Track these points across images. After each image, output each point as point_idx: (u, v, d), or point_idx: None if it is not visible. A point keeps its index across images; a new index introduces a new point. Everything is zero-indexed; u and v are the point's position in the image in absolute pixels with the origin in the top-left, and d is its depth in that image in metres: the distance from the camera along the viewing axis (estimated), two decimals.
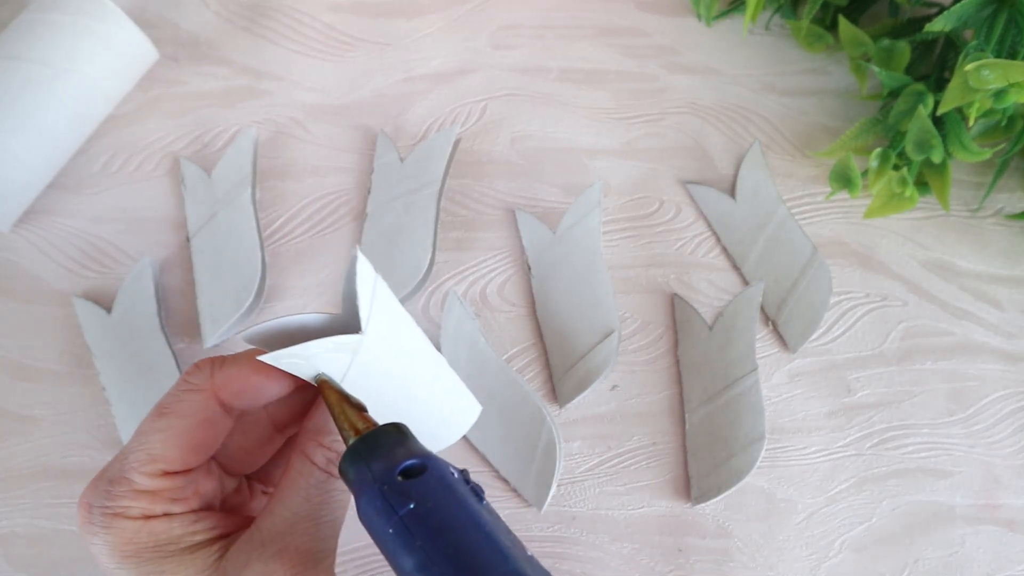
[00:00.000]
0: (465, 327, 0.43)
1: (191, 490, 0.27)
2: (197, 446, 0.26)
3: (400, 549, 0.22)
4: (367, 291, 0.25)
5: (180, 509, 0.26)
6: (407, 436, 0.25)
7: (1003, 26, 0.41)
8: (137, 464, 0.25)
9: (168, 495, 0.26)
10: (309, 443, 0.26)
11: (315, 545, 0.25)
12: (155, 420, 0.26)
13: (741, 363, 0.43)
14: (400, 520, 0.22)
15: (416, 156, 0.46)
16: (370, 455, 0.24)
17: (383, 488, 0.23)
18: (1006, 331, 0.44)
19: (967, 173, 0.48)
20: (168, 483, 0.26)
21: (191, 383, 0.26)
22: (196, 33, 0.51)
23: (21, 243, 0.46)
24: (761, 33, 0.51)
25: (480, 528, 0.23)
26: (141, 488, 0.25)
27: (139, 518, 0.25)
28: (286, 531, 0.25)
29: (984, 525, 0.41)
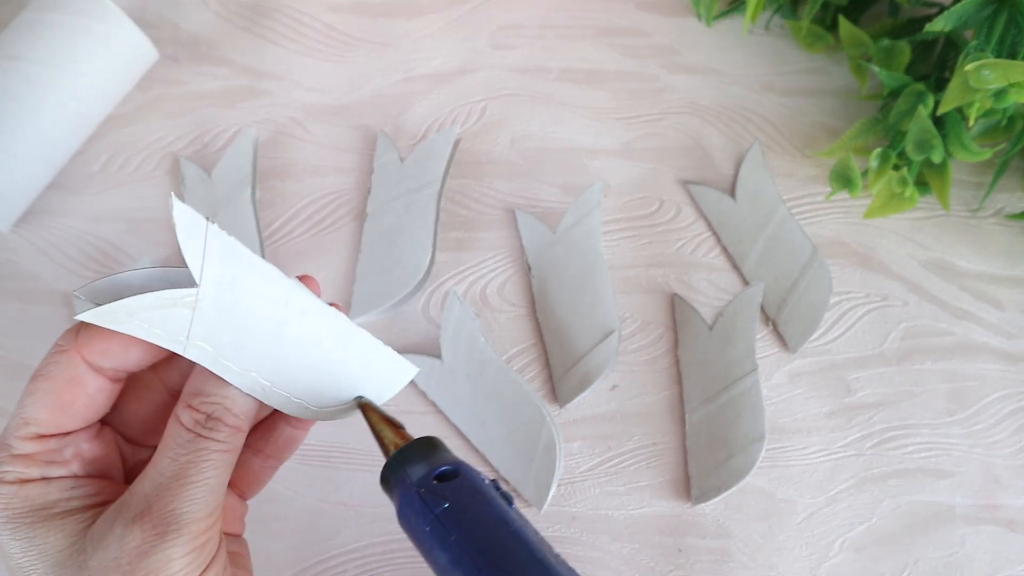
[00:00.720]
0: (465, 327, 0.43)
1: (71, 452, 0.26)
2: (66, 407, 0.25)
3: (436, 545, 0.25)
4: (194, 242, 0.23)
5: (58, 473, 0.26)
6: (439, 447, 0.28)
7: (1003, 26, 0.41)
8: (13, 428, 0.25)
9: (43, 458, 0.25)
10: (179, 405, 0.26)
11: (180, 507, 0.24)
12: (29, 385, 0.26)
13: (741, 363, 0.43)
14: (436, 518, 0.25)
15: (416, 156, 0.46)
16: (407, 463, 0.27)
17: (420, 491, 0.26)
18: (1006, 331, 0.44)
19: (967, 173, 0.48)
20: (42, 446, 0.25)
21: (58, 345, 0.26)
22: (196, 33, 0.51)
23: (21, 243, 0.46)
24: (761, 33, 0.51)
25: (509, 525, 0.25)
26: (17, 452, 0.25)
27: (15, 482, 0.25)
28: (151, 493, 0.24)
29: (984, 525, 0.41)
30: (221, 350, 0.25)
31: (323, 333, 0.27)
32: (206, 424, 0.25)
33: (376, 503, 0.41)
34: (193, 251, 0.24)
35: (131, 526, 0.24)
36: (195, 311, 0.24)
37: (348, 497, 0.42)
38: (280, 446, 0.30)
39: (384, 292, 0.44)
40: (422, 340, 0.44)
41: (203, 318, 0.24)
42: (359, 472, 0.42)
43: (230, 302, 0.25)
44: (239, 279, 0.25)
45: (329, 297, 0.45)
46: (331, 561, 0.41)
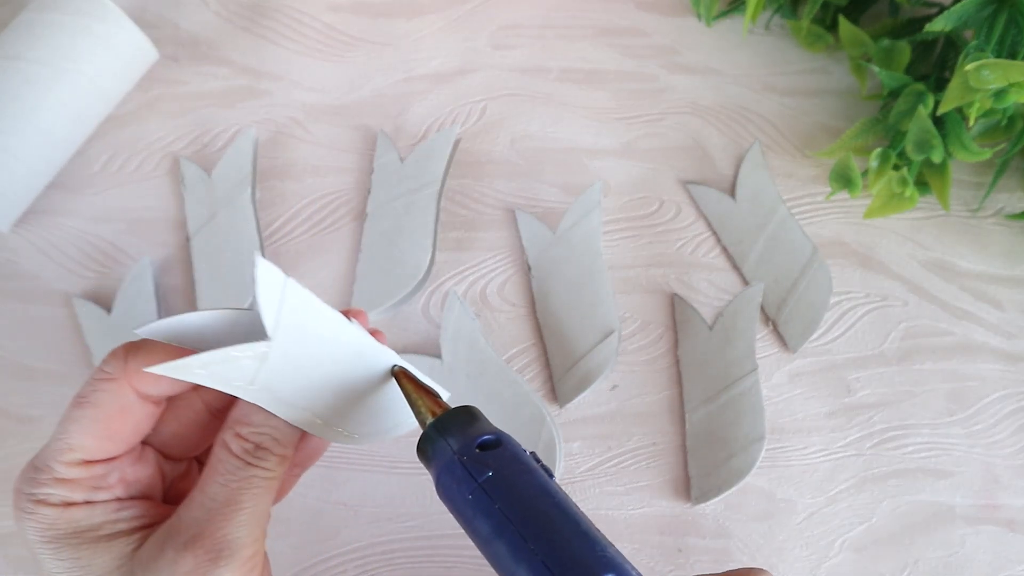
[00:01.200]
0: (465, 327, 0.43)
1: (115, 477, 0.26)
2: (114, 435, 0.26)
3: (479, 514, 0.25)
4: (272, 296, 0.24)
5: (103, 497, 0.26)
6: (478, 416, 0.27)
7: (1003, 26, 0.41)
8: (57, 453, 0.25)
9: (88, 483, 0.26)
10: (227, 432, 0.26)
11: (232, 533, 0.25)
12: (72, 410, 0.26)
13: (741, 363, 0.43)
14: (479, 487, 0.25)
15: (416, 156, 0.46)
16: (447, 432, 0.26)
17: (463, 459, 0.25)
18: (1006, 331, 0.44)
19: (967, 173, 0.48)
20: (88, 471, 0.26)
21: (106, 372, 0.26)
22: (196, 33, 0.51)
23: (21, 243, 0.46)
24: (761, 33, 0.51)
25: (553, 496, 0.25)
26: (61, 477, 0.25)
27: (59, 505, 0.25)
28: (201, 519, 0.25)
29: (984, 525, 0.41)
30: (281, 392, 0.26)
31: (375, 370, 0.28)
32: (255, 453, 0.26)
33: (376, 503, 0.41)
34: (270, 305, 0.24)
35: (183, 551, 0.24)
36: (264, 362, 0.25)
37: (348, 497, 0.42)
38: (306, 455, 0.31)
39: (384, 292, 0.44)
40: (422, 340, 0.44)
41: (269, 366, 0.25)
42: (359, 472, 0.42)
43: (295, 350, 0.25)
44: (306, 327, 0.25)
45: (329, 297, 0.45)
46: (331, 561, 0.41)
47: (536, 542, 0.23)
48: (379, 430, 0.30)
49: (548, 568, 0.23)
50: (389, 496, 0.42)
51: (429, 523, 0.41)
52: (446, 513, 0.41)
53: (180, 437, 0.29)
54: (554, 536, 0.24)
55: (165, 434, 0.29)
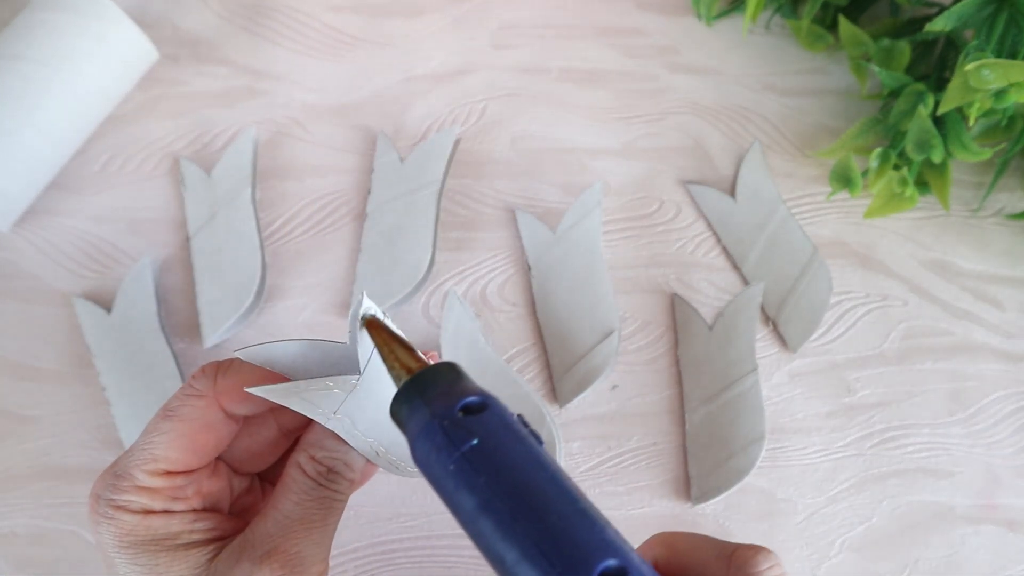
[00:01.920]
0: (465, 327, 0.43)
1: (193, 489, 0.27)
2: (198, 449, 0.27)
3: (462, 487, 0.21)
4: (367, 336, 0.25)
5: (180, 508, 0.27)
6: (462, 374, 0.24)
7: (1003, 26, 0.41)
8: (140, 462, 0.26)
9: (168, 493, 0.27)
10: (302, 454, 0.27)
11: (304, 549, 0.26)
12: (160, 422, 0.27)
13: (741, 363, 0.43)
14: (463, 456, 0.21)
15: (416, 156, 0.46)
16: (427, 392, 0.23)
17: (444, 423, 0.22)
18: (1006, 331, 0.44)
19: (967, 173, 0.48)
20: (169, 482, 0.27)
21: (195, 388, 0.27)
22: (196, 33, 0.51)
23: (21, 243, 0.46)
24: (761, 33, 0.51)
25: (545, 468, 0.22)
26: (143, 485, 0.26)
27: (139, 512, 0.26)
28: (276, 534, 0.26)
29: (984, 525, 0.41)
30: (356, 422, 0.27)
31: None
32: (327, 476, 0.27)
33: (376, 503, 0.41)
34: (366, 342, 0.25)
35: (259, 564, 0.25)
36: (351, 394, 0.26)
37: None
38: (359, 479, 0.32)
39: (384, 292, 0.44)
40: (422, 340, 0.44)
41: (355, 399, 0.26)
42: None
43: (376, 385, 0.26)
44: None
45: (329, 297, 0.45)
46: (331, 561, 0.41)
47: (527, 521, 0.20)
48: None
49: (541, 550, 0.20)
50: (389, 496, 0.42)
51: (429, 523, 0.41)
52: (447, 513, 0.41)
53: (251, 453, 0.30)
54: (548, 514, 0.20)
55: (238, 450, 0.30)
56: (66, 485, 0.41)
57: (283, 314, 0.44)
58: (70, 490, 0.41)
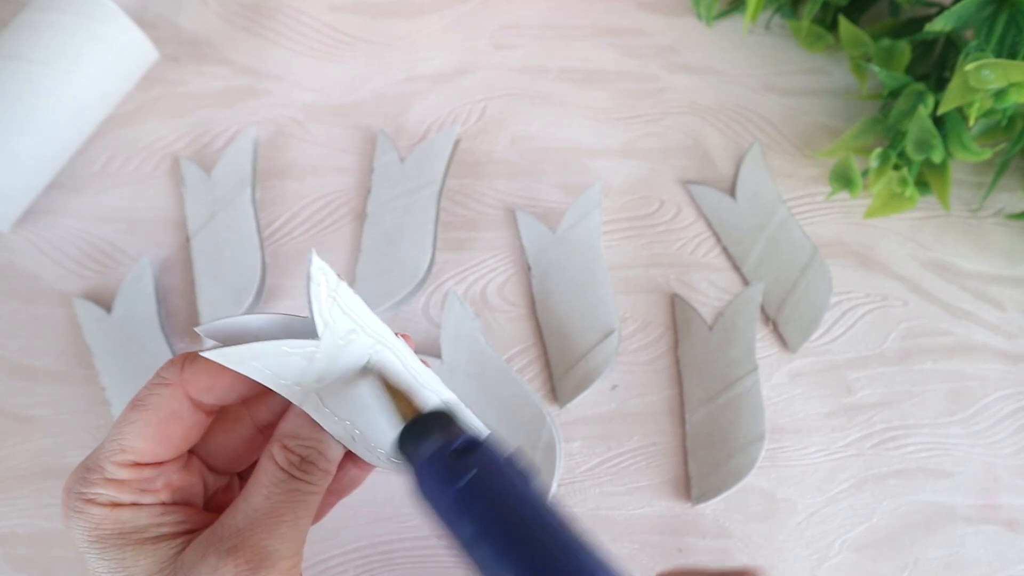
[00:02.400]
0: (465, 327, 0.43)
1: (162, 482, 0.27)
2: (165, 439, 0.27)
3: (462, 516, 0.24)
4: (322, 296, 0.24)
5: (149, 500, 0.27)
6: (457, 417, 0.26)
7: (1003, 26, 0.41)
8: (109, 454, 0.26)
9: (136, 485, 0.26)
10: (274, 444, 0.27)
11: (272, 544, 0.25)
12: (128, 412, 0.27)
13: (741, 363, 0.43)
14: (460, 489, 0.24)
15: (416, 156, 0.46)
16: (427, 433, 0.25)
17: (443, 460, 0.24)
18: (1006, 331, 0.44)
19: (967, 173, 0.48)
20: (137, 474, 0.26)
21: (162, 377, 0.27)
22: (196, 33, 0.51)
23: (21, 243, 0.46)
24: (761, 33, 0.51)
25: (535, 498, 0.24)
26: (111, 477, 0.26)
27: (107, 505, 0.26)
28: (244, 527, 0.25)
29: (984, 525, 0.41)
30: (325, 398, 0.26)
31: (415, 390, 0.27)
32: (300, 466, 0.26)
33: (376, 503, 0.41)
34: (320, 304, 0.24)
35: (225, 558, 0.25)
36: (312, 362, 0.25)
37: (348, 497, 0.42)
38: (344, 484, 0.31)
39: (384, 292, 0.44)
40: (422, 340, 0.44)
41: (316, 368, 0.25)
42: None
43: (342, 356, 0.26)
44: (357, 337, 0.26)
45: None
46: (331, 561, 0.41)
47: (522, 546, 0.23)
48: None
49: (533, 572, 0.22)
50: (389, 496, 0.42)
51: (429, 523, 0.41)
52: None
53: (226, 450, 0.30)
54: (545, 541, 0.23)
55: (212, 445, 0.29)
56: None
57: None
58: None
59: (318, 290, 0.24)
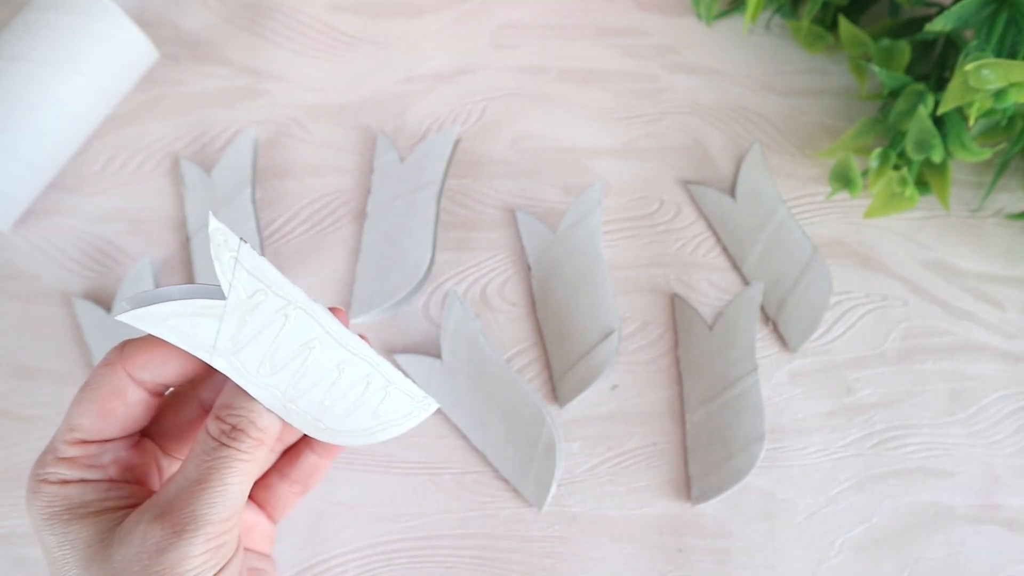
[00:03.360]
0: (465, 327, 0.43)
1: (109, 458, 0.28)
2: (107, 415, 0.27)
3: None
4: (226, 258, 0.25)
5: (95, 476, 0.27)
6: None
7: (1003, 26, 0.41)
8: (60, 435, 0.27)
9: (84, 462, 0.27)
10: (209, 417, 0.28)
11: (199, 508, 0.26)
12: (77, 394, 0.28)
13: (741, 363, 0.43)
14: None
15: (416, 156, 0.46)
16: None
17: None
18: (1006, 331, 0.44)
19: (967, 173, 0.48)
20: (84, 451, 0.27)
21: (105, 358, 0.28)
22: (196, 33, 0.51)
23: (21, 243, 0.46)
24: (761, 33, 0.51)
25: None
26: (61, 456, 0.27)
27: (57, 483, 0.27)
28: (173, 495, 0.26)
29: (984, 525, 0.41)
30: (245, 363, 0.27)
31: (344, 358, 0.28)
32: (230, 434, 0.27)
33: (376, 503, 0.41)
34: (224, 266, 0.26)
35: (153, 524, 0.25)
36: (222, 322, 0.26)
37: (348, 497, 0.42)
38: (305, 472, 0.32)
39: (384, 292, 0.44)
40: (422, 340, 0.44)
41: (229, 330, 0.26)
42: (359, 472, 0.42)
43: (255, 318, 0.27)
44: (266, 298, 0.27)
45: (329, 297, 0.45)
46: (331, 561, 0.41)
47: None
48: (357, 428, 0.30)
49: None
50: (389, 496, 0.42)
51: (429, 523, 0.41)
52: (446, 513, 0.41)
53: (178, 432, 0.30)
54: None
55: (165, 427, 0.30)
56: None
57: None
58: None
59: (219, 250, 0.25)
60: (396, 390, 0.30)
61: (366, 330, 0.44)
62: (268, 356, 0.27)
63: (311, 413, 0.28)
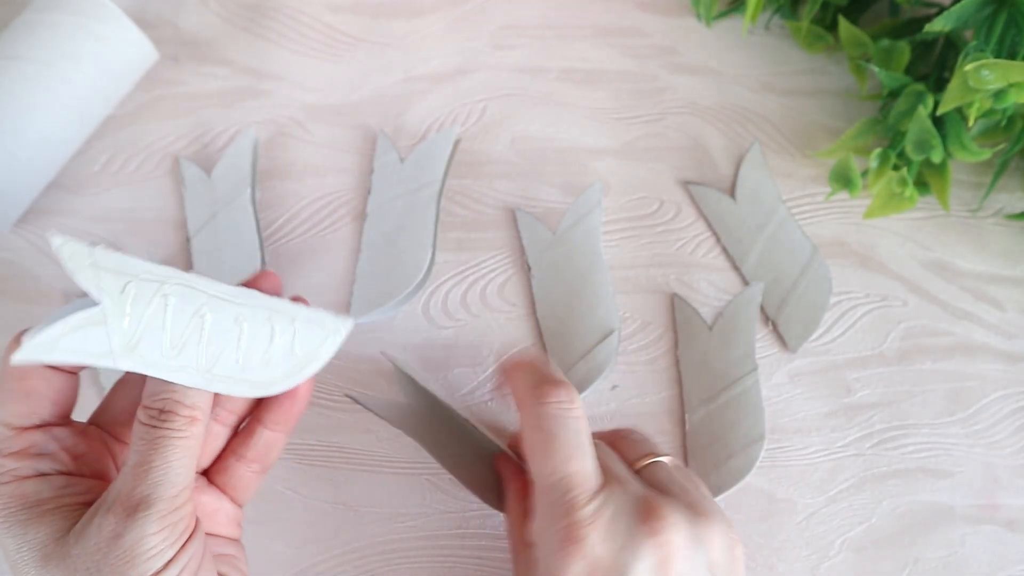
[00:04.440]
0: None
1: (57, 447, 0.28)
2: (30, 394, 0.27)
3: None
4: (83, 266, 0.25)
5: (49, 468, 0.27)
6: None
7: (1003, 26, 0.41)
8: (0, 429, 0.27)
9: (31, 452, 0.27)
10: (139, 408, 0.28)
11: (145, 490, 0.26)
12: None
13: (741, 363, 0.43)
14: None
15: (416, 156, 0.46)
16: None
17: None
18: (1006, 331, 0.44)
19: (967, 173, 0.48)
20: (24, 440, 0.27)
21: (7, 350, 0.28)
22: (196, 33, 0.51)
23: (21, 243, 0.46)
24: (761, 33, 0.51)
25: None
26: (7, 451, 0.27)
27: (12, 481, 0.27)
28: (120, 485, 0.26)
29: (984, 525, 0.41)
30: (147, 355, 0.27)
31: (239, 312, 0.28)
32: (159, 418, 0.27)
33: (376, 503, 0.41)
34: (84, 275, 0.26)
35: (107, 515, 0.26)
36: (107, 326, 0.26)
37: (348, 497, 0.42)
38: (261, 451, 0.32)
39: (384, 292, 0.44)
40: (422, 340, 0.44)
41: (117, 330, 0.26)
42: (359, 472, 0.42)
43: (137, 310, 0.27)
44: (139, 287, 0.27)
45: (329, 298, 0.45)
46: (331, 561, 0.41)
47: None
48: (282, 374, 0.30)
49: None
50: (389, 496, 0.42)
51: (429, 523, 0.41)
52: (446, 513, 0.41)
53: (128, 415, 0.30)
54: None
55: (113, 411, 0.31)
56: None
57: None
58: None
59: (73, 264, 0.25)
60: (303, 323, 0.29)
61: (366, 330, 0.44)
62: (166, 339, 0.27)
63: (232, 376, 0.29)
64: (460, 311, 0.45)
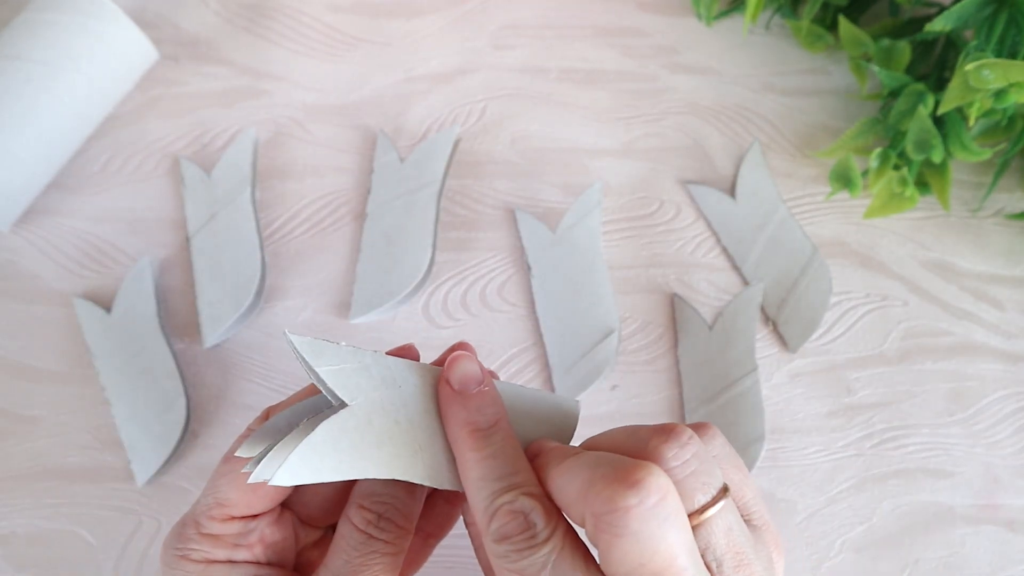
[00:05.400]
0: None
1: (255, 537, 0.27)
2: (257, 488, 0.26)
3: None
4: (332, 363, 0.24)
5: (242, 557, 0.26)
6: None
7: (1003, 26, 0.41)
8: (205, 508, 0.26)
9: (231, 540, 0.26)
10: (351, 506, 0.26)
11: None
12: (222, 465, 0.26)
13: (741, 363, 0.43)
14: None
15: (416, 156, 0.46)
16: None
17: None
18: (1006, 331, 0.44)
19: (967, 173, 0.48)
20: (231, 528, 0.26)
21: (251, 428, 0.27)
22: (196, 33, 0.51)
23: (21, 243, 0.46)
24: (761, 33, 0.51)
25: None
26: (206, 532, 0.26)
27: (201, 562, 0.26)
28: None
29: (984, 525, 0.41)
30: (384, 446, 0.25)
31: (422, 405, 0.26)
32: (378, 524, 0.26)
33: None
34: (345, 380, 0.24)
35: None
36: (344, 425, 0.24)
37: None
38: (438, 524, 0.31)
39: (384, 292, 0.44)
40: (422, 340, 0.44)
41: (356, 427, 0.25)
42: None
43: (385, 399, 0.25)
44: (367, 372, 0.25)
45: (329, 298, 0.45)
46: None
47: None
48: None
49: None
50: None
51: None
52: None
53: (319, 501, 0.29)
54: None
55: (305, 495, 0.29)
56: (66, 485, 0.41)
57: (283, 314, 0.44)
58: (70, 490, 0.41)
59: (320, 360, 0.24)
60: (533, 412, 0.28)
61: (366, 330, 0.44)
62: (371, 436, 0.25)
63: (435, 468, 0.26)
64: (460, 311, 0.45)
